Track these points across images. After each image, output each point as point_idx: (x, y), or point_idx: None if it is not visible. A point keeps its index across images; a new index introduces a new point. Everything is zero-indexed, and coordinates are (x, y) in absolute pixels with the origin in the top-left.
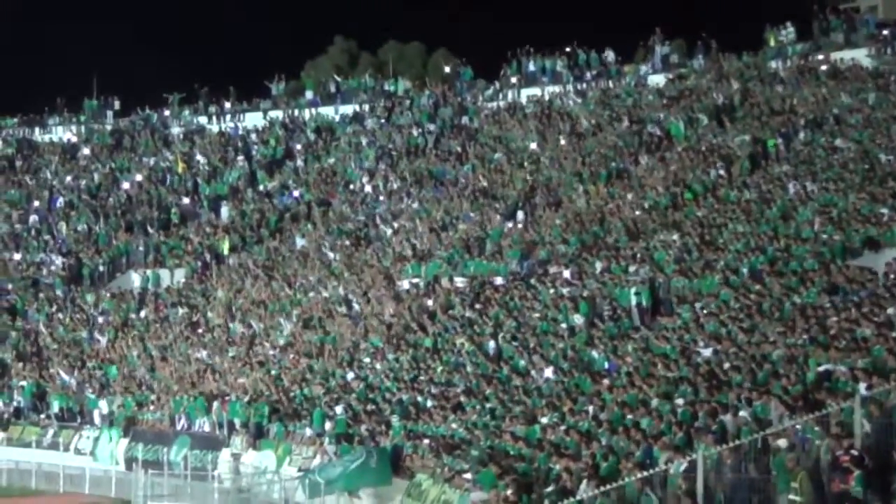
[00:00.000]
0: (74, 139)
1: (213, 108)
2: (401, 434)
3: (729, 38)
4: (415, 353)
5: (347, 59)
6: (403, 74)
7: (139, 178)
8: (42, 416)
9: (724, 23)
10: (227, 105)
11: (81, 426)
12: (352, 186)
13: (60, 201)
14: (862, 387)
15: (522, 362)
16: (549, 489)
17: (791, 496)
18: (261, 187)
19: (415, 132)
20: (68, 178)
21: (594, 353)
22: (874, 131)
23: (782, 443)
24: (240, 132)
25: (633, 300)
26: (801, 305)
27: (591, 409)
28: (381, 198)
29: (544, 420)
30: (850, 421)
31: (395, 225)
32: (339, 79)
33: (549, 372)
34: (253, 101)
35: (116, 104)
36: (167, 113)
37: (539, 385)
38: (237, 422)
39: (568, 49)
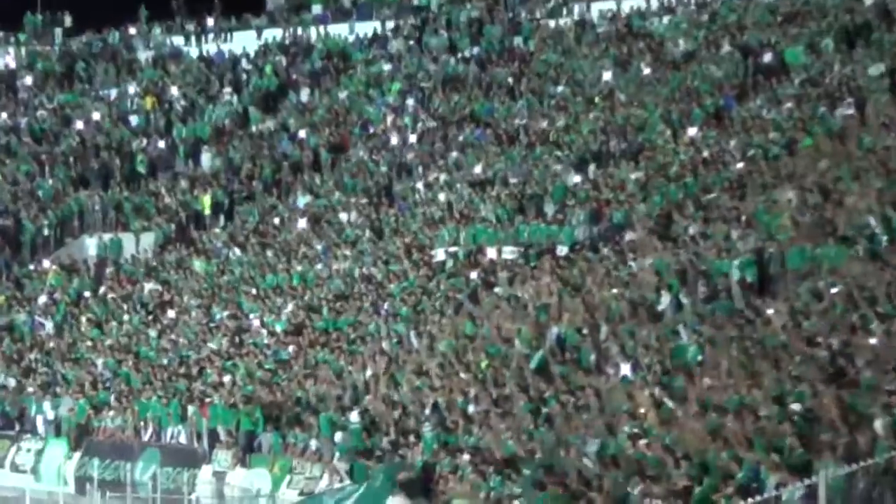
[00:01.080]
0: (12, 65)
1: (192, 26)
2: (434, 448)
3: None
4: (452, 342)
5: None
6: None
7: (96, 116)
8: None
9: None
10: (211, 22)
11: (20, 436)
12: (371, 128)
13: None
14: None
15: (592, 355)
16: None
17: None
18: (253, 129)
19: (452, 59)
20: (4, 116)
21: (685, 344)
22: None
23: None
24: (227, 57)
25: (736, 275)
26: None
27: (679, 415)
28: (410, 143)
29: (624, 430)
30: None
31: (427, 178)
32: None
33: (626, 368)
34: (244, 17)
35: (67, 20)
36: (133, 32)
37: (614, 384)
38: (221, 431)
39: None
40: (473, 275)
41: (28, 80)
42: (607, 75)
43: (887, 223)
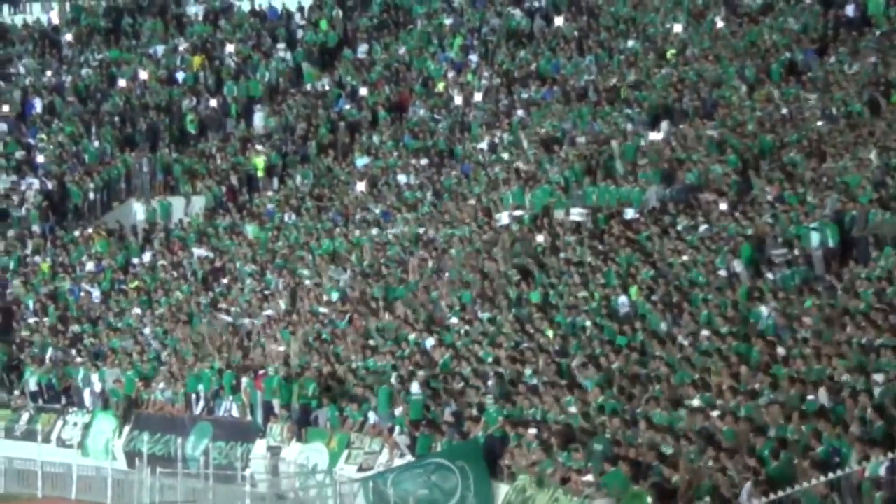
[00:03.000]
0: (56, 21)
1: None
2: (498, 421)
3: None
4: (518, 311)
5: None
6: None
7: (143, 74)
8: (14, 394)
9: None
10: None
11: (66, 409)
12: (432, 85)
13: (37, 105)
14: None
15: (663, 324)
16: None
17: None
18: (308, 87)
19: (518, 12)
20: (48, 75)
21: (762, 312)
22: None
23: None
24: (280, 11)
25: (816, 240)
26: None
27: (756, 387)
28: (473, 100)
29: (694, 402)
30: None
31: (491, 138)
32: None
33: (700, 335)
34: None
35: None
36: None
37: (687, 355)
38: (276, 404)
39: None
40: (540, 238)
41: (71, 36)
42: (679, 27)
43: None
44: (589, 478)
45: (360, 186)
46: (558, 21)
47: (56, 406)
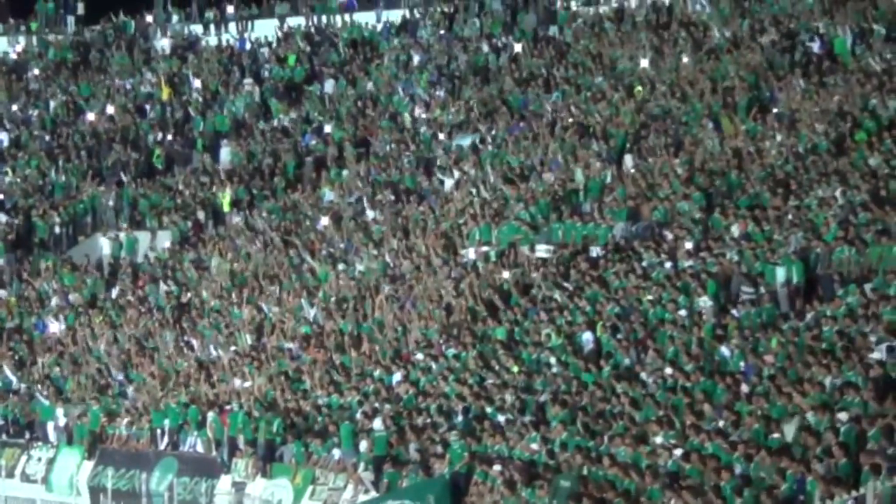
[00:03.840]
0: (23, 55)
1: (211, 14)
2: (463, 457)
3: None
4: (483, 347)
5: None
6: None
7: (110, 108)
8: None
9: None
10: (230, 9)
11: (31, 444)
12: (399, 120)
13: (3, 139)
14: None
15: (628, 361)
16: None
17: None
18: (275, 121)
19: (485, 47)
20: (14, 108)
21: (726, 350)
22: None
23: None
24: (247, 46)
25: (781, 277)
26: None
27: (720, 424)
28: (439, 136)
29: (658, 440)
30: None
31: (458, 173)
32: None
33: (664, 372)
34: (265, 4)
35: (80, 7)
36: (149, 19)
37: (651, 392)
38: (241, 439)
39: None
40: (506, 275)
41: (37, 70)
42: (645, 63)
43: None
44: None
45: (326, 221)
46: (525, 57)
47: (20, 441)
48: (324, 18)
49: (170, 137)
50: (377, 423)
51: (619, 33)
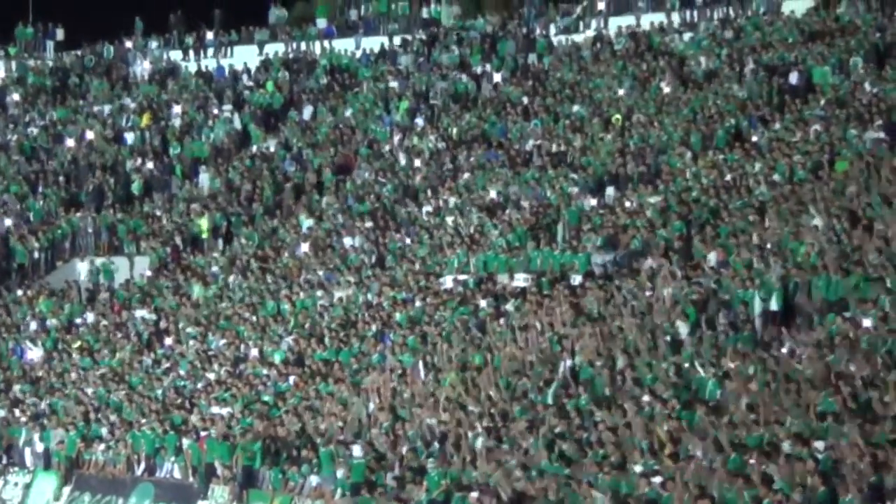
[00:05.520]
0: (2, 80)
1: (190, 40)
2: (440, 485)
3: None
4: (461, 373)
5: None
6: None
7: (89, 134)
8: None
9: None
10: (210, 36)
11: (7, 469)
12: (377, 148)
13: None
14: None
15: (607, 388)
16: None
17: None
18: (254, 148)
19: (463, 76)
20: None
21: (705, 377)
22: None
23: None
24: (226, 73)
25: (759, 305)
26: None
27: (699, 452)
28: (417, 164)
29: (637, 468)
30: None
31: (436, 201)
32: None
33: (643, 400)
34: (244, 30)
35: (59, 33)
36: (128, 45)
37: (630, 420)
38: (218, 465)
39: None
40: (483, 303)
41: (17, 95)
42: (622, 92)
43: None
44: None
45: (305, 248)
46: (504, 85)
47: None
48: (303, 45)
49: (149, 164)
50: (356, 450)
51: (599, 62)
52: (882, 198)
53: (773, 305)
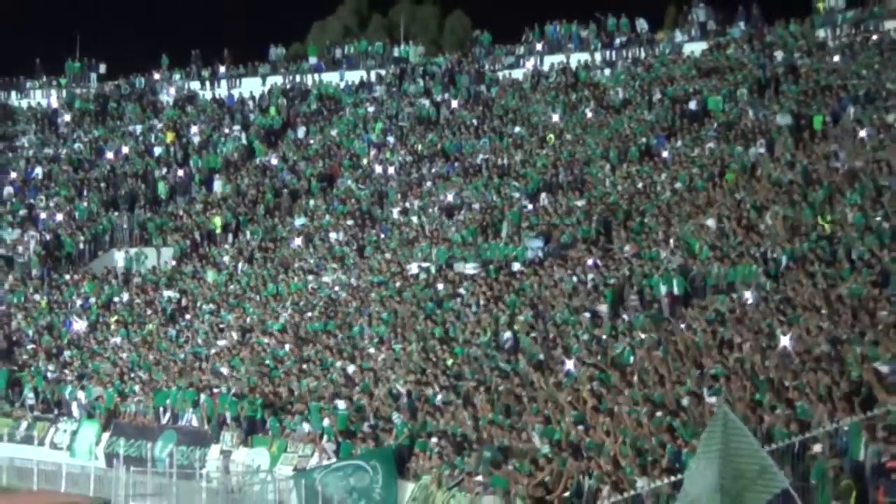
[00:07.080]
0: (55, 105)
1: (206, 73)
2: (405, 432)
3: (773, 3)
4: (424, 343)
5: (357, 21)
6: (416, 38)
7: (125, 148)
8: (15, 406)
9: None
10: (222, 69)
11: (58, 418)
12: (357, 161)
13: (38, 173)
14: None
15: (541, 355)
16: (567, 494)
17: None
18: (258, 160)
19: (427, 103)
20: (47, 148)
21: (620, 346)
22: None
23: (818, 448)
24: (236, 99)
25: (664, 289)
26: (847, 297)
27: (616, 408)
28: (390, 174)
29: (567, 419)
30: None
31: (404, 204)
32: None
33: (570, 364)
34: (250, 65)
35: (101, 67)
36: (156, 77)
37: (559, 380)
38: (228, 416)
39: (596, 14)
40: (442, 286)
41: (67, 117)
42: (556, 118)
43: (791, 248)
44: (479, 479)
45: (298, 241)
46: (460, 110)
47: (49, 416)
48: (297, 77)
49: (175, 173)
50: (340, 404)
51: (536, 92)
52: (763, 202)
53: (676, 289)
